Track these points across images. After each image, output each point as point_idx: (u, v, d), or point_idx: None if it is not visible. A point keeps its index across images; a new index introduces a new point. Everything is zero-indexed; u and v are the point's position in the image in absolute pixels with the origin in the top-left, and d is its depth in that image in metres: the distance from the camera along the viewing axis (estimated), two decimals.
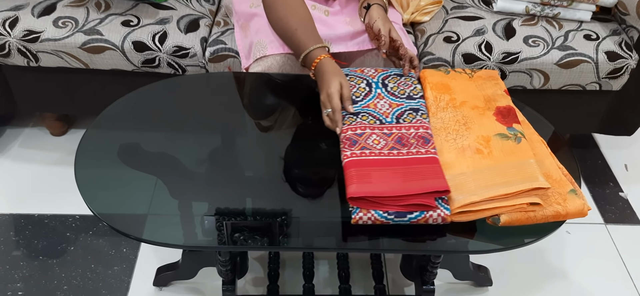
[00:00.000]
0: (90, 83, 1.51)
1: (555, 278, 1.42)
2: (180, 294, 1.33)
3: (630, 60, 1.45)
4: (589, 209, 0.93)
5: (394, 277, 1.39)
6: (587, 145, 1.86)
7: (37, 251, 1.40)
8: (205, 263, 1.29)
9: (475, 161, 0.96)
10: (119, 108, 1.15)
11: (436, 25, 1.54)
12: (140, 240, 0.91)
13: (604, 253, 1.50)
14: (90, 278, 1.34)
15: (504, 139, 1.00)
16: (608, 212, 1.62)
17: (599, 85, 1.49)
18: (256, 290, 1.34)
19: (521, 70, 1.44)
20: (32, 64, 1.45)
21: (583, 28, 1.52)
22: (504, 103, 1.08)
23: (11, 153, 1.67)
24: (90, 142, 1.06)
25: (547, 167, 0.96)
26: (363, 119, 1.03)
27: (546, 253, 1.48)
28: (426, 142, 0.98)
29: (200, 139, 1.09)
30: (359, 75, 1.13)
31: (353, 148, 0.97)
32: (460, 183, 0.92)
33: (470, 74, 1.17)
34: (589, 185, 1.71)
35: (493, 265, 1.38)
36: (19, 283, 1.32)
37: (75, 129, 1.76)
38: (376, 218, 0.89)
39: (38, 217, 1.48)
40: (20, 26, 1.40)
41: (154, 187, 0.98)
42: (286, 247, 0.97)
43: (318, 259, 1.37)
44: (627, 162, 1.80)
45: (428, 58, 1.44)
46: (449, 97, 1.09)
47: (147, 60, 1.42)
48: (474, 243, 0.93)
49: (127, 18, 1.45)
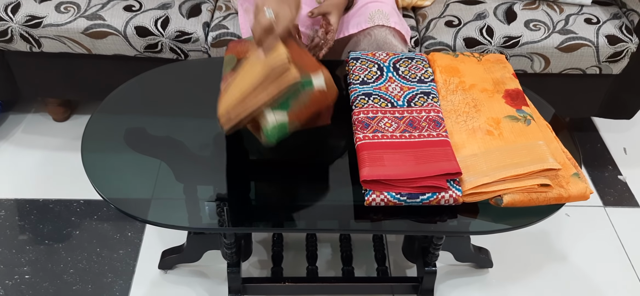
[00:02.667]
0: (93, 68, 1.51)
1: (554, 260, 1.44)
2: (186, 277, 1.34)
3: (631, 44, 1.45)
4: (591, 192, 0.95)
5: (395, 259, 1.41)
6: (586, 128, 1.88)
7: (42, 236, 1.41)
8: (210, 246, 1.30)
9: (486, 142, 0.97)
10: (123, 94, 1.16)
11: (437, 10, 1.54)
12: (149, 222, 0.93)
13: (602, 236, 1.52)
14: (96, 262, 1.36)
15: (513, 121, 1.01)
16: (607, 195, 1.63)
17: (599, 68, 1.50)
18: (260, 273, 1.36)
19: (522, 54, 1.45)
20: (34, 49, 1.45)
21: (584, 12, 1.52)
22: (513, 86, 1.09)
23: (14, 139, 1.68)
24: (96, 127, 1.07)
25: (553, 151, 0.98)
26: (375, 102, 1.04)
27: (546, 236, 1.50)
28: (437, 125, 1.00)
29: (204, 123, 1.10)
30: (371, 59, 1.14)
31: (365, 131, 0.98)
32: (472, 165, 0.94)
33: (479, 57, 1.18)
34: (588, 168, 1.72)
35: (493, 247, 1.40)
36: (26, 267, 1.34)
37: (77, 115, 1.77)
38: (389, 200, 0.91)
39: (43, 202, 1.49)
40: (22, 11, 1.40)
41: (160, 170, 0.99)
42: (290, 229, 0.99)
43: (321, 242, 1.39)
44: (626, 146, 1.81)
45: (429, 42, 1.45)
46: (458, 80, 1.10)
47: (150, 45, 1.42)
48: (477, 224, 0.95)
49: (129, 3, 1.45)
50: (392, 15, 1.28)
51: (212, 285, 1.33)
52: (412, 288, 1.28)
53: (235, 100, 0.92)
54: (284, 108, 0.90)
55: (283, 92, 0.89)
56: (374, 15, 1.25)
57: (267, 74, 0.89)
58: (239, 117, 0.92)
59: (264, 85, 0.89)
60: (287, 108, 0.90)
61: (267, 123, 0.91)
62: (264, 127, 0.92)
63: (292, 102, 0.91)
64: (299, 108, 0.91)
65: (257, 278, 1.31)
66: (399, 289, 1.31)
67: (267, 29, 0.91)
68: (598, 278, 1.40)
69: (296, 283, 1.25)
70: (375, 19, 1.25)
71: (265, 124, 0.91)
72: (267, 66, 0.90)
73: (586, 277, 1.41)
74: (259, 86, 0.89)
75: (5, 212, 1.47)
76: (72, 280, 1.32)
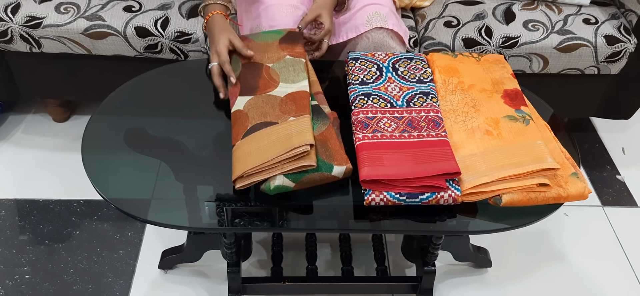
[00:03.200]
0: (93, 69, 1.52)
1: (553, 259, 1.45)
2: (186, 277, 1.35)
3: (629, 44, 1.46)
4: (590, 192, 0.95)
5: (395, 259, 1.41)
6: (584, 128, 1.88)
7: (42, 236, 1.41)
8: (210, 246, 1.31)
9: (485, 142, 0.98)
10: (122, 94, 1.16)
11: (436, 10, 1.54)
12: (149, 222, 0.93)
13: (601, 235, 1.52)
14: (96, 262, 1.36)
15: (512, 121, 1.01)
16: (605, 195, 1.64)
17: (597, 69, 1.50)
18: (260, 272, 1.37)
19: (521, 54, 1.46)
20: (34, 50, 1.45)
21: (582, 12, 1.53)
22: (511, 86, 1.10)
23: (14, 140, 1.68)
24: (96, 127, 1.08)
25: (551, 150, 0.98)
26: (374, 102, 1.05)
27: (544, 235, 1.50)
28: (437, 125, 1.00)
29: (204, 123, 1.10)
30: (370, 59, 1.14)
31: (365, 131, 0.98)
32: (471, 164, 0.94)
33: (477, 57, 1.18)
34: (587, 168, 1.73)
35: (491, 246, 1.41)
36: (26, 267, 1.34)
37: (77, 115, 1.77)
38: (388, 199, 0.91)
39: (43, 202, 1.50)
40: (22, 12, 1.40)
41: (160, 170, 0.99)
42: (290, 228, 0.99)
43: (320, 242, 1.39)
44: (624, 145, 1.82)
45: (428, 42, 1.46)
46: (457, 80, 1.11)
47: (150, 45, 1.43)
48: (476, 223, 0.95)
49: (129, 3, 1.45)
50: (390, 17, 1.28)
51: (212, 285, 1.33)
52: (411, 287, 1.29)
53: (253, 167, 0.91)
54: (294, 179, 0.91)
55: (298, 169, 0.91)
56: (372, 17, 1.26)
57: (288, 149, 0.90)
58: (252, 179, 0.91)
59: (282, 160, 0.90)
60: (297, 181, 0.91)
61: (273, 182, 0.91)
62: (268, 183, 0.92)
63: (304, 175, 0.92)
64: (308, 182, 0.92)
65: (257, 278, 1.31)
66: (398, 288, 1.32)
67: (218, 73, 1.07)
68: (596, 278, 1.41)
69: (296, 282, 1.25)
70: (372, 21, 1.25)
71: (270, 181, 0.91)
72: (289, 143, 0.91)
73: (585, 276, 1.41)
74: (277, 158, 0.90)
75: (6, 212, 1.47)
76: (72, 280, 1.33)
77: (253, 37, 1.16)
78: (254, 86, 1.05)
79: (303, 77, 1.06)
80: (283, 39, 1.15)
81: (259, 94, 1.03)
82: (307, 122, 0.96)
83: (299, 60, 1.09)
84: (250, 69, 1.08)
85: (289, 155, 0.90)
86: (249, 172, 0.90)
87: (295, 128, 0.94)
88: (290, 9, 1.25)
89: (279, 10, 1.24)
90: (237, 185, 0.91)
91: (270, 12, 1.24)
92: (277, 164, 0.90)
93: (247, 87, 1.05)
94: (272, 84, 1.04)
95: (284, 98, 1.01)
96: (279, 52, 1.11)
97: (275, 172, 0.90)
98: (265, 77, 1.05)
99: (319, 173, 0.92)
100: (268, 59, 1.10)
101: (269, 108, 1.00)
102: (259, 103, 1.01)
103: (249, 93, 1.03)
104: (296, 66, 1.08)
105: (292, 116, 0.97)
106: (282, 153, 0.90)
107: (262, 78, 1.05)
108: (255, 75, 1.07)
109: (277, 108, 0.99)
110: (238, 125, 0.99)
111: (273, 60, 1.09)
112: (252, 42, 1.14)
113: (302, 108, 0.99)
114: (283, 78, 1.05)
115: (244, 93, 1.04)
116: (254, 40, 1.14)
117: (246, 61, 1.10)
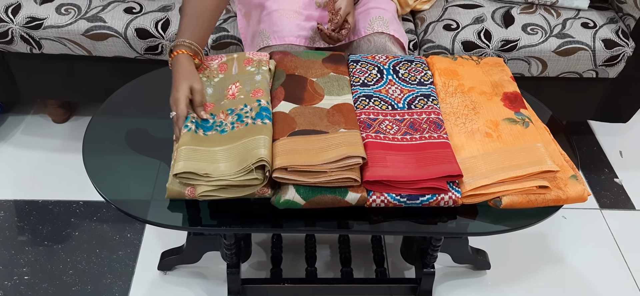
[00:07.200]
0: (93, 70, 1.52)
1: (551, 261, 1.45)
2: (185, 278, 1.35)
3: (627, 48, 1.47)
4: (589, 194, 0.96)
5: (394, 261, 1.42)
6: (582, 132, 1.89)
7: (42, 237, 1.41)
8: (209, 247, 1.31)
9: (485, 144, 0.98)
10: (123, 95, 1.17)
11: (436, 13, 1.55)
12: (149, 222, 0.94)
13: (599, 238, 1.53)
14: (96, 263, 1.36)
15: (512, 123, 1.02)
16: (603, 198, 1.65)
17: (595, 72, 1.51)
18: (260, 274, 1.37)
19: (519, 57, 1.46)
20: (35, 50, 1.45)
21: (580, 16, 1.54)
22: (511, 89, 1.10)
23: (14, 140, 1.68)
24: (97, 128, 1.08)
25: (551, 153, 0.99)
26: (375, 104, 1.05)
27: (542, 237, 1.51)
28: (438, 127, 1.01)
29: None
30: (371, 62, 1.15)
31: (368, 131, 0.99)
32: (471, 167, 0.94)
33: (477, 60, 1.19)
34: (585, 171, 1.74)
35: (490, 248, 1.41)
36: (25, 268, 1.34)
37: (77, 116, 1.77)
38: (389, 201, 0.91)
39: (42, 203, 1.50)
40: (23, 13, 1.40)
41: (160, 171, 1.00)
42: (289, 229, 0.99)
43: (320, 243, 1.39)
44: (621, 149, 1.83)
45: (428, 45, 1.46)
46: (457, 83, 1.11)
47: (150, 47, 1.43)
48: (476, 225, 0.96)
49: (130, 5, 1.45)
50: (392, 23, 1.29)
51: (212, 286, 1.33)
52: (411, 289, 1.29)
53: (302, 164, 0.90)
54: (305, 197, 0.91)
55: (343, 181, 0.91)
56: (374, 21, 1.27)
57: (340, 157, 0.90)
58: (294, 178, 0.90)
59: (332, 168, 0.90)
60: (308, 199, 0.91)
61: (284, 194, 0.91)
62: (278, 194, 0.91)
63: (316, 194, 0.91)
64: (319, 202, 0.92)
65: (257, 279, 1.31)
66: (397, 290, 1.32)
67: (177, 124, 0.97)
68: (594, 280, 1.41)
69: (295, 284, 1.26)
70: (374, 25, 1.26)
71: (282, 192, 0.91)
72: (340, 151, 0.90)
73: (582, 279, 1.42)
74: (327, 165, 0.90)
75: (5, 213, 1.47)
76: (72, 281, 1.32)
77: (296, 53, 1.16)
78: (299, 96, 1.04)
79: (347, 91, 1.06)
80: (326, 58, 1.15)
81: (305, 105, 1.02)
82: (358, 136, 0.95)
83: (343, 77, 1.10)
84: (295, 81, 1.08)
85: (340, 165, 0.90)
86: (296, 167, 0.89)
87: (346, 139, 0.94)
88: (294, 15, 1.25)
89: (281, 16, 1.24)
90: (274, 174, 0.89)
91: (274, 18, 1.24)
92: (326, 170, 0.90)
93: (292, 96, 1.04)
94: (317, 97, 1.04)
95: (330, 109, 1.01)
96: (322, 69, 1.11)
97: (321, 178, 0.89)
98: (310, 91, 1.06)
99: (331, 195, 0.91)
100: (312, 74, 1.10)
101: (317, 119, 0.99)
102: (305, 113, 1.00)
103: (294, 102, 1.03)
104: (340, 82, 1.09)
105: (342, 128, 0.97)
106: (333, 159, 0.89)
107: (306, 91, 1.05)
108: (300, 87, 1.06)
109: (325, 119, 0.99)
110: (283, 124, 0.97)
111: (317, 76, 1.10)
112: (296, 58, 1.14)
113: (352, 122, 0.99)
114: (327, 92, 1.06)
115: (289, 99, 1.03)
116: (298, 57, 1.14)
117: (291, 72, 1.10)
